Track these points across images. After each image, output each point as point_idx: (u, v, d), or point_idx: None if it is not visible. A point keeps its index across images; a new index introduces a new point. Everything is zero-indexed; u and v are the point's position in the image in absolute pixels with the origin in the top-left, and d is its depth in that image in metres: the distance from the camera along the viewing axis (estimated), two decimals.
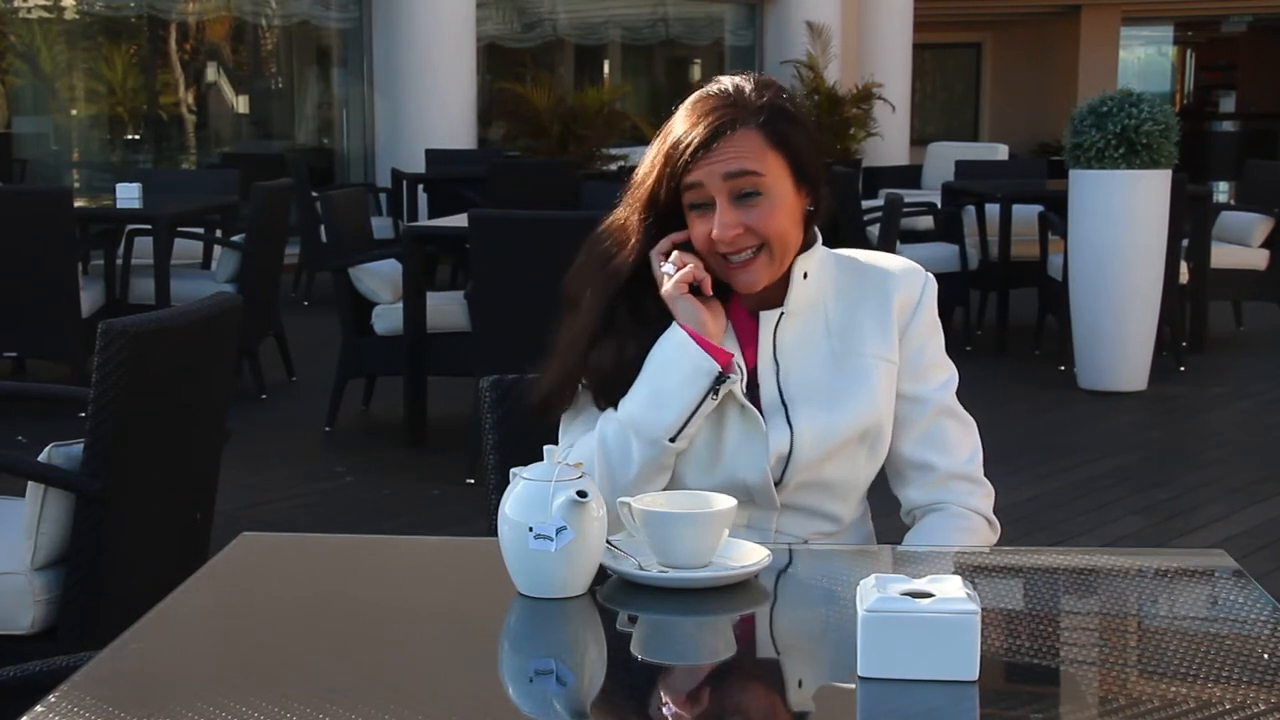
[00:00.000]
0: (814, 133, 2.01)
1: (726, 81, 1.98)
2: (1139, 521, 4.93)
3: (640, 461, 1.92)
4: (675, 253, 1.95)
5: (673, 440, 1.92)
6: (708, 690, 1.48)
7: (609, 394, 1.97)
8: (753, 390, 1.97)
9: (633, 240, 1.98)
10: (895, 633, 1.38)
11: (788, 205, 1.94)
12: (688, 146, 1.91)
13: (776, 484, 1.96)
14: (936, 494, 2.04)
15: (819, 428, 1.95)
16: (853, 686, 1.39)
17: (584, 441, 1.97)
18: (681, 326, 1.93)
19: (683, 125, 1.94)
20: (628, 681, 1.50)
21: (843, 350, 1.99)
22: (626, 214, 1.99)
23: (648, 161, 1.98)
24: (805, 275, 1.99)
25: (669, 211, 1.96)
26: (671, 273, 1.94)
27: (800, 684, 1.51)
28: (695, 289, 1.95)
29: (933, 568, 1.83)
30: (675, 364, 1.91)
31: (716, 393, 1.91)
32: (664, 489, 1.95)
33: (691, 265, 1.93)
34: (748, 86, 1.96)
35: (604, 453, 1.94)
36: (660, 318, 1.96)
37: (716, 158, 1.90)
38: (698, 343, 1.92)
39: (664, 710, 1.40)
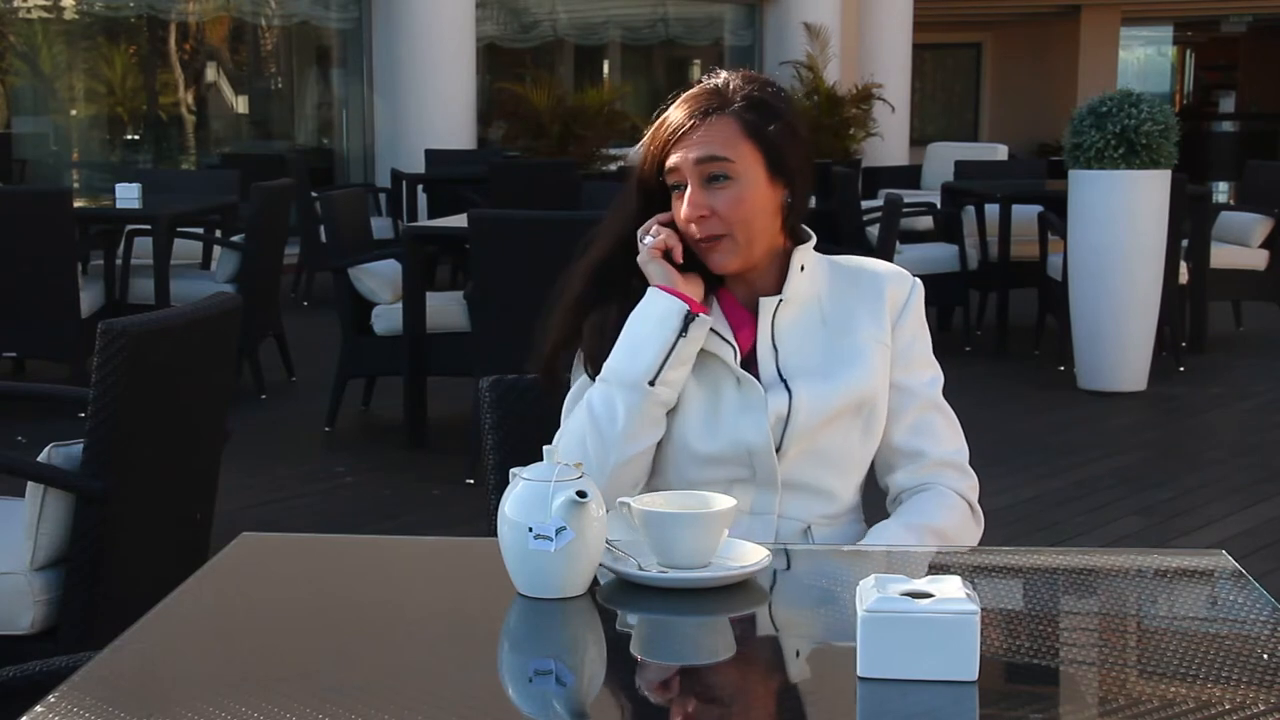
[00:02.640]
0: (797, 127, 2.07)
1: (721, 75, 2.08)
2: (1139, 521, 4.93)
3: (625, 411, 1.99)
4: (655, 225, 2.05)
5: (652, 384, 1.98)
6: (707, 691, 1.48)
7: (596, 364, 2.06)
8: (751, 370, 2.04)
9: (626, 217, 2.09)
10: (895, 633, 1.38)
11: (758, 195, 2.02)
12: (667, 130, 2.03)
13: (776, 449, 2.00)
14: (925, 478, 2.10)
15: (816, 394, 2.02)
16: (853, 686, 1.39)
17: (575, 415, 2.05)
18: (655, 285, 2.02)
19: (669, 113, 2.06)
20: (628, 681, 1.50)
21: (839, 335, 2.07)
22: (624, 195, 2.11)
23: (643, 146, 2.09)
24: (803, 268, 2.07)
25: (661, 193, 2.07)
26: (648, 242, 2.05)
27: (800, 684, 1.51)
28: (668, 256, 2.04)
29: (933, 568, 1.83)
30: (647, 312, 2.01)
31: (686, 331, 1.98)
32: (665, 485, 2.00)
33: (665, 234, 2.03)
34: (735, 80, 2.06)
35: (591, 414, 2.02)
36: (643, 292, 2.04)
37: (691, 143, 2.01)
38: (668, 292, 2.00)
39: (668, 700, 1.40)
